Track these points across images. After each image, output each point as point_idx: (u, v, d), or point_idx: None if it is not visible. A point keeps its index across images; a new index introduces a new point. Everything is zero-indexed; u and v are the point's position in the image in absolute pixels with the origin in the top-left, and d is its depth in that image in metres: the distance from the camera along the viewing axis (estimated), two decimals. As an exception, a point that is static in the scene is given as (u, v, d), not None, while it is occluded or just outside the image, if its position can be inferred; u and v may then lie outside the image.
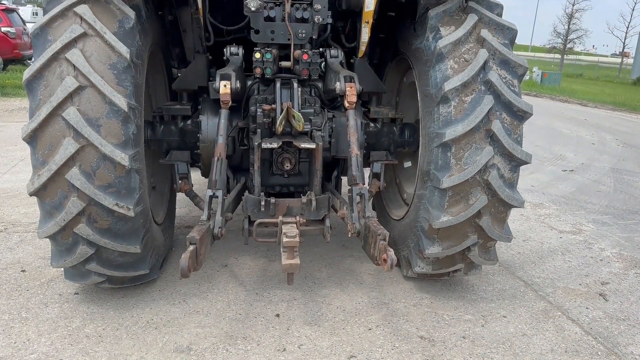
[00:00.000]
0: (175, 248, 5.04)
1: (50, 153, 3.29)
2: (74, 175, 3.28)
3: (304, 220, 3.78)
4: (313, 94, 4.29)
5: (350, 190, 3.61)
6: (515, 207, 3.79)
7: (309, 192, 3.97)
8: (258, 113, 4.02)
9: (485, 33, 3.71)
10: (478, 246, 3.94)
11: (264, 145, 3.78)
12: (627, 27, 67.65)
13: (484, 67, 3.66)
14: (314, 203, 3.85)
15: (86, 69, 3.26)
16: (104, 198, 3.37)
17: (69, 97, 3.25)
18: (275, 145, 3.81)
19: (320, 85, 4.32)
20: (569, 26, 58.04)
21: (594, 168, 9.76)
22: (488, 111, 3.58)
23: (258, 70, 4.02)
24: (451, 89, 3.61)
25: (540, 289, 4.56)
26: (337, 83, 3.83)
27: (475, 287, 4.49)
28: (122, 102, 3.33)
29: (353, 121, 3.80)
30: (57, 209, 3.40)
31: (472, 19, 3.74)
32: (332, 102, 4.43)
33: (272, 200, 3.83)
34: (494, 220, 3.82)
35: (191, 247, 2.98)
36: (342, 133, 4.22)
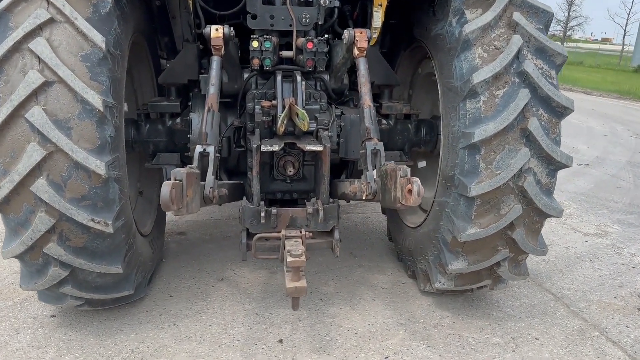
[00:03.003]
0: (167, 259, 4.56)
1: (13, 161, 2.80)
2: (41, 186, 2.79)
3: (310, 234, 3.29)
4: (319, 88, 3.79)
5: (363, 146, 3.11)
6: (553, 216, 3.31)
7: (314, 200, 3.48)
8: (256, 110, 3.52)
9: (517, 16, 3.20)
10: (508, 260, 3.46)
11: (263, 148, 3.29)
12: (628, 14, 66.88)
13: (518, 56, 3.16)
14: (321, 213, 3.36)
15: (53, 61, 2.76)
16: (77, 213, 2.88)
17: (33, 95, 2.75)
18: (276, 147, 3.31)
19: (326, 77, 3.82)
20: (569, 13, 57.32)
21: (609, 162, 9.28)
22: (523, 107, 3.09)
23: (256, 62, 3.51)
24: (480, 82, 3.11)
25: (573, 304, 4.09)
26: (346, 31, 3.32)
27: (500, 303, 4.02)
28: (96, 100, 2.84)
29: (364, 70, 3.31)
30: (22, 225, 2.91)
31: (502, 1, 3.23)
32: (340, 96, 3.93)
33: (274, 210, 3.34)
34: (528, 231, 3.34)
35: (175, 181, 2.46)
36: (352, 132, 3.72)
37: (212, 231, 5.24)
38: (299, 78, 3.50)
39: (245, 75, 3.78)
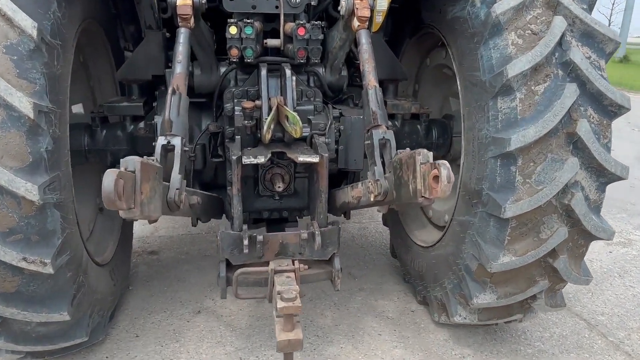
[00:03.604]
0: (134, 286, 3.88)
1: None
2: (-50, 219, 2.12)
3: (305, 267, 2.65)
4: (312, 84, 3.14)
5: (368, 135, 2.51)
6: (602, 239, 2.70)
7: (310, 223, 2.84)
8: (236, 113, 2.87)
9: (558, -7, 2.58)
10: (545, 291, 2.86)
11: (245, 160, 2.63)
12: (613, 4, 66.97)
13: (561, 43, 2.54)
14: (318, 239, 2.72)
15: (-37, 53, 2.08)
16: (4, 251, 2.22)
17: None
18: (261, 159, 2.66)
19: (321, 71, 3.16)
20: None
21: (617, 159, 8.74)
22: (570, 106, 2.47)
23: (234, 52, 2.84)
24: (516, 75, 2.49)
25: (610, 333, 3.51)
26: (342, 1, 2.69)
27: (528, 335, 3.42)
28: (24, 104, 2.18)
29: (367, 44, 2.69)
30: None
31: (538, -26, 2.60)
32: (338, 93, 3.28)
33: (260, 237, 2.69)
34: (571, 257, 2.74)
35: (125, 171, 1.78)
36: (354, 137, 3.07)
37: (188, 249, 4.57)
38: (288, 72, 2.84)
39: (222, 69, 3.11)
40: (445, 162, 1.94)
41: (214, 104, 3.12)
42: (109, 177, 1.66)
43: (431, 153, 2.09)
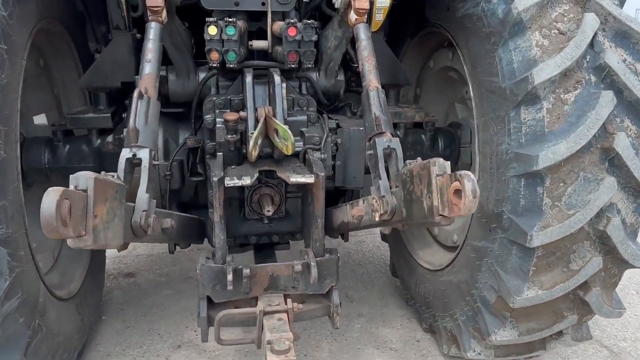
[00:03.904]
0: (107, 316, 3.49)
1: None
2: None
3: (300, 306, 2.29)
4: (305, 92, 2.76)
5: (370, 144, 2.18)
6: (637, 268, 2.37)
7: (304, 251, 2.47)
8: (218, 125, 2.50)
9: (588, -14, 2.24)
10: (572, 325, 2.52)
11: (229, 182, 2.26)
12: None
13: (593, 44, 2.20)
14: (314, 270, 2.34)
15: None
16: None
17: None
18: (247, 181, 2.29)
19: (315, 76, 2.79)
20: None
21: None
22: (606, 117, 2.13)
23: (215, 56, 2.47)
24: (544, 82, 2.14)
25: (635, 362, 3.18)
26: None
27: (546, 367, 3.09)
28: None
29: (367, 40, 2.35)
30: None
31: (564, -36, 2.26)
32: (335, 100, 2.91)
33: (246, 270, 2.32)
34: (603, 288, 2.40)
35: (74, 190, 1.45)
36: (353, 151, 2.70)
37: (169, 269, 4.17)
38: (277, 78, 2.46)
39: (202, 75, 2.72)
40: (469, 173, 1.61)
41: (192, 114, 2.74)
42: (50, 198, 1.32)
43: (448, 163, 1.79)
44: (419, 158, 1.97)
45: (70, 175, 1.52)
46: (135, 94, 2.05)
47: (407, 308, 3.64)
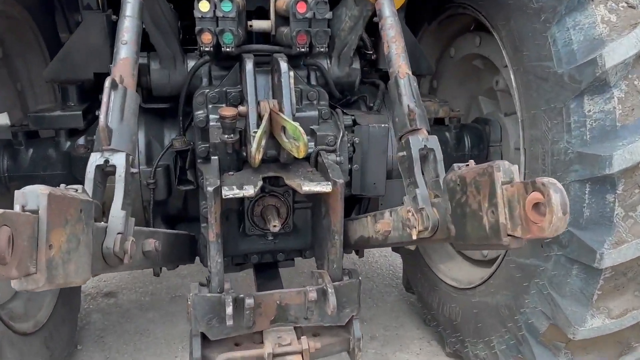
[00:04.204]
0: (84, 344, 3.03)
1: None
2: None
3: (318, 345, 1.87)
4: (315, 82, 2.33)
5: (404, 144, 1.79)
6: None
7: (318, 273, 2.05)
8: (212, 123, 2.06)
9: (661, -51, 1.84)
10: (637, 356, 2.12)
11: (227, 194, 1.82)
12: None
13: (671, 19, 1.80)
14: (332, 298, 1.92)
15: None
16: None
17: None
18: (250, 191, 1.85)
19: (326, 64, 2.36)
20: None
21: None
22: (693, 108, 1.73)
23: (207, 37, 2.03)
24: (616, 65, 1.74)
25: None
26: None
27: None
28: None
29: (393, 16, 1.96)
30: None
31: None
32: (349, 93, 2.49)
33: (249, 300, 1.88)
34: (677, 313, 2.00)
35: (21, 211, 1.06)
36: (373, 151, 2.28)
37: (154, 288, 3.71)
38: (283, 65, 2.02)
39: (191, 63, 2.28)
40: (554, 181, 1.22)
41: (179, 110, 2.29)
42: None
43: (515, 167, 1.39)
44: (472, 161, 1.56)
45: (15, 192, 1.10)
46: (107, 83, 1.61)
47: (425, 328, 3.23)
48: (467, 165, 1.55)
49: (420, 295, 3.21)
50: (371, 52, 2.50)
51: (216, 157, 2.03)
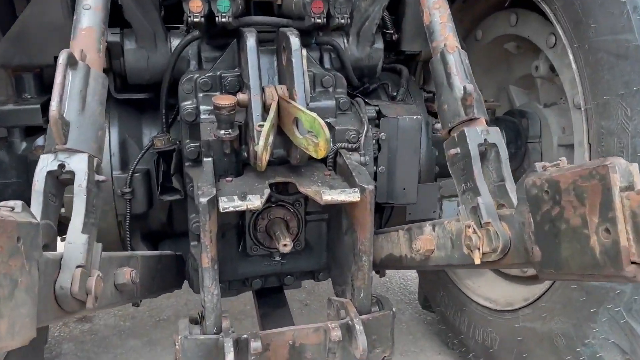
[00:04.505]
0: (51, 383, 2.56)
1: None
2: None
3: (347, 400, 1.45)
4: (329, 65, 1.90)
5: (454, 139, 1.44)
6: None
7: (340, 303, 1.63)
8: (203, 117, 1.63)
9: None
10: None
11: (226, 207, 1.39)
12: None
13: None
14: (361, 337, 1.50)
15: None
16: None
17: None
18: (256, 202, 1.43)
19: (343, 42, 1.93)
20: None
21: None
22: None
23: (197, 5, 1.59)
24: None
25: None
26: None
27: None
28: None
29: None
30: None
31: None
32: (370, 78, 2.06)
33: (255, 343, 1.46)
34: None
35: None
36: (404, 149, 1.85)
37: (135, 310, 3.23)
38: (294, 41, 1.58)
39: (176, 42, 1.83)
40: None
41: (162, 101, 1.84)
42: None
43: (635, 166, 0.99)
44: (563, 159, 1.15)
45: None
46: (62, 58, 1.17)
47: (448, 352, 2.83)
48: (557, 164, 1.14)
49: (444, 316, 2.79)
50: (392, 31, 2.08)
51: (210, 159, 1.60)
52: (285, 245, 1.60)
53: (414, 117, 1.81)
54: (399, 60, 2.21)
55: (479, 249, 1.26)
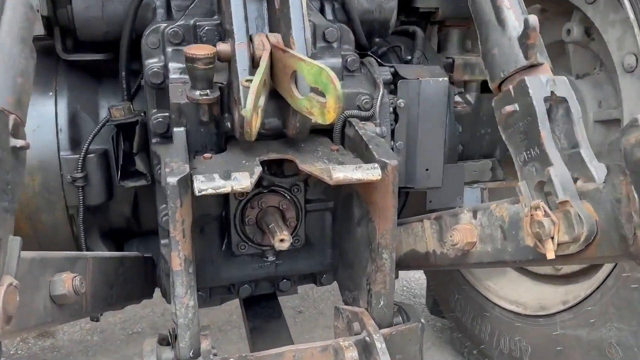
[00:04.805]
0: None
1: None
2: None
3: None
4: (332, 17, 1.54)
5: (509, 93, 1.10)
6: None
7: (354, 313, 1.27)
8: (173, 77, 1.26)
9: None
10: None
11: (203, 188, 1.02)
12: None
13: None
14: (383, 356, 1.14)
15: None
16: None
17: None
18: (244, 183, 1.06)
19: None
20: None
21: None
22: None
23: None
24: None
25: None
26: None
27: None
28: None
29: None
30: None
31: None
32: (380, 36, 1.69)
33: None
34: None
35: None
36: (426, 119, 1.49)
37: (104, 323, 2.84)
38: None
39: None
40: None
41: (121, 61, 1.46)
42: None
43: None
44: None
45: None
46: None
47: (461, 362, 2.49)
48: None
49: (459, 323, 2.45)
50: None
51: (182, 129, 1.23)
52: (282, 240, 1.24)
53: (440, 79, 1.46)
54: (412, 22, 1.86)
55: (552, 237, 0.92)
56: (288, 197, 1.39)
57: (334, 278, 1.58)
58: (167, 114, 1.31)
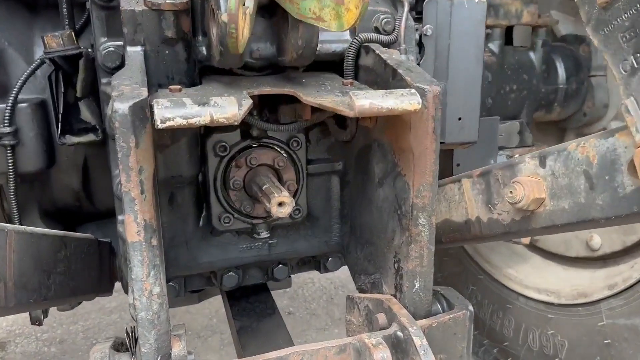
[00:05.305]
0: None
1: None
2: None
3: None
4: None
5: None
6: None
7: (380, 303, 0.94)
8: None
9: None
10: None
11: (166, 116, 0.69)
12: None
13: None
14: (426, 355, 0.82)
15: None
16: None
17: None
18: (230, 111, 0.73)
19: None
20: None
21: None
22: None
23: None
24: None
25: None
26: None
27: None
28: None
29: None
30: None
31: None
32: None
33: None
34: None
35: None
36: (460, 49, 1.18)
37: (64, 331, 2.47)
38: None
39: None
40: None
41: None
42: None
43: None
44: None
45: None
46: None
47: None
48: None
49: (475, 318, 2.14)
50: None
51: (138, 49, 0.89)
52: (282, 203, 0.91)
53: (476, 0, 1.15)
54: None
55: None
56: (285, 153, 1.06)
57: (342, 262, 1.26)
58: (120, 43, 0.97)
